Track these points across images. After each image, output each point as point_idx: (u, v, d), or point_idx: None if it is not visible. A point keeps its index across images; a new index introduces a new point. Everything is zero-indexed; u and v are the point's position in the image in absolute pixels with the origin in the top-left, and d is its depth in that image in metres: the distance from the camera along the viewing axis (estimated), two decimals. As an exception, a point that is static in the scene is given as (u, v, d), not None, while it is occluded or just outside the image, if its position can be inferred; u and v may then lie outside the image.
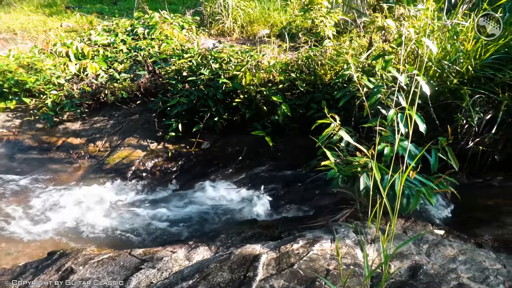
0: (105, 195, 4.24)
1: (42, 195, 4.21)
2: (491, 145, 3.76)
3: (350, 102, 3.98)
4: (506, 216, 3.32)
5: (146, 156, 4.72)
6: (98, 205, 4.07)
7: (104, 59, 6.04)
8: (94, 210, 3.99)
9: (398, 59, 3.79)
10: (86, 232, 3.70)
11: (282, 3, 7.75)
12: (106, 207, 4.05)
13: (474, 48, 3.70)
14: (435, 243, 2.73)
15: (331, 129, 2.94)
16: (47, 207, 4.03)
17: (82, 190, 4.30)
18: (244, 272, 2.42)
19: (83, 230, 3.72)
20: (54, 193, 4.25)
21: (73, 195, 4.20)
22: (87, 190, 4.30)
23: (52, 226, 3.77)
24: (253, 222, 3.62)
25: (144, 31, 6.64)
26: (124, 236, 3.66)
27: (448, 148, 2.64)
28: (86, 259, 2.88)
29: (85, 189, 4.32)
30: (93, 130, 5.20)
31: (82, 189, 4.30)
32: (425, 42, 2.79)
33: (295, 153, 4.61)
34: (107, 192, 4.30)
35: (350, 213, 3.28)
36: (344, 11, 6.63)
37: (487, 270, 2.43)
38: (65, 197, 4.18)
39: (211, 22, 7.51)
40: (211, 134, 4.91)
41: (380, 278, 2.26)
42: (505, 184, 3.80)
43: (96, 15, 8.63)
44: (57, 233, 3.68)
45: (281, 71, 4.79)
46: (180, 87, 4.85)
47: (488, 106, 3.71)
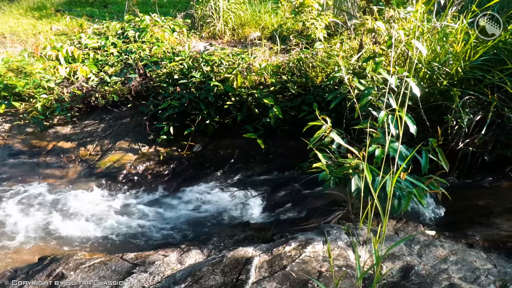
0: (96, 199, 4.21)
1: (32, 199, 4.17)
2: (480, 146, 3.79)
3: (341, 104, 3.99)
4: (496, 216, 3.35)
5: (138, 159, 4.70)
6: (89, 209, 4.04)
7: (95, 62, 6.01)
8: (85, 214, 3.97)
9: (388, 61, 3.81)
10: (77, 237, 3.68)
11: (273, 6, 7.76)
12: (97, 211, 4.02)
13: (463, 50, 3.73)
14: (427, 244, 2.75)
15: (322, 131, 2.95)
16: (37, 211, 4.00)
17: (73, 194, 4.26)
18: (237, 275, 2.42)
19: (74, 235, 3.70)
20: (44, 197, 4.22)
21: (64, 199, 4.17)
22: (78, 194, 4.27)
23: (43, 230, 3.73)
24: (245, 225, 3.62)
25: (135, 34, 6.61)
26: (115, 240, 3.64)
27: (439, 149, 2.66)
28: (77, 264, 2.86)
29: (76, 193, 4.28)
30: (84, 134, 5.17)
31: (73, 193, 4.27)
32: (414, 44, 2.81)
33: (287, 155, 4.61)
34: (98, 196, 4.28)
35: (342, 214, 3.29)
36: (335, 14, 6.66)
37: (478, 270, 2.45)
38: (55, 201, 4.15)
39: (202, 25, 7.50)
40: (202, 137, 4.90)
41: (372, 279, 2.26)
42: (495, 184, 3.84)
43: (86, 18, 8.60)
44: (48, 237, 3.65)
45: (273, 73, 4.80)
46: (172, 90, 4.84)
47: (478, 107, 3.75)
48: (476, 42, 3.80)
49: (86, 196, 4.25)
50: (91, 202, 4.15)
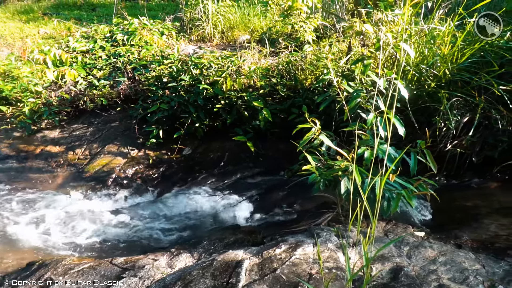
0: (85, 204, 4.18)
1: (20, 204, 4.12)
2: (468, 147, 3.83)
3: (331, 107, 4.01)
4: (484, 217, 3.38)
5: (127, 163, 4.67)
6: (78, 213, 4.01)
7: (83, 66, 5.97)
8: (74, 219, 3.93)
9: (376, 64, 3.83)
10: (66, 242, 3.64)
11: (262, 9, 7.78)
12: (86, 215, 3.98)
13: (450, 52, 3.77)
14: (416, 245, 2.76)
15: (312, 134, 2.95)
16: (25, 216, 3.95)
17: (61, 199, 4.22)
18: (227, 278, 2.41)
19: (63, 240, 3.66)
20: (32, 202, 4.17)
21: (52, 204, 4.12)
22: (66, 198, 4.23)
23: (31, 236, 3.69)
24: (235, 228, 3.61)
25: (123, 37, 6.58)
26: (105, 245, 3.61)
27: (427, 150, 2.68)
28: (66, 269, 2.83)
29: (64, 197, 4.24)
30: (72, 138, 5.12)
31: (61, 198, 4.23)
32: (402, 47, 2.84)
33: (277, 158, 4.61)
34: (87, 201, 4.24)
35: (332, 216, 3.30)
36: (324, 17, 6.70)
37: (466, 270, 2.47)
38: (43, 206, 4.10)
39: (191, 28, 7.49)
40: (192, 140, 4.88)
41: (362, 281, 2.27)
42: (483, 185, 3.87)
43: (74, 22, 8.54)
44: (36, 243, 3.61)
45: (262, 76, 4.80)
46: (161, 93, 4.82)
47: (465, 109, 3.78)
48: (463, 44, 3.84)
49: (75, 200, 4.21)
50: (80, 206, 4.11)
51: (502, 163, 3.83)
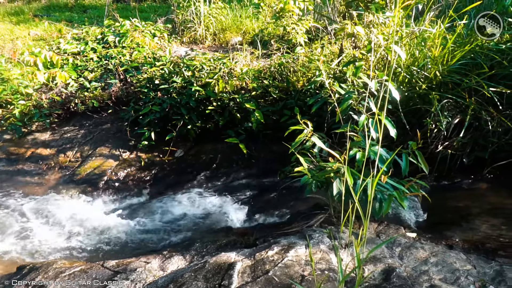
0: (77, 206, 4.15)
1: (10, 208, 4.09)
2: (459, 148, 3.86)
3: (323, 108, 4.02)
4: (475, 217, 3.40)
5: (119, 165, 4.65)
6: (69, 216, 3.98)
7: (74, 68, 5.94)
8: (65, 222, 3.90)
9: (368, 65, 3.85)
10: (57, 245, 3.61)
11: (254, 11, 7.78)
12: (77, 218, 3.96)
13: (441, 54, 3.79)
14: (408, 246, 2.77)
15: (304, 135, 2.96)
16: (16, 220, 3.91)
17: (53, 201, 4.19)
18: (219, 281, 2.40)
19: (54, 243, 3.63)
20: (23, 205, 4.13)
21: (43, 207, 4.09)
22: (57, 201, 4.20)
23: (22, 239, 3.66)
24: (228, 230, 3.61)
25: (115, 39, 6.56)
26: (96, 248, 3.58)
27: (418, 152, 2.70)
28: (57, 272, 2.80)
29: (55, 200, 4.21)
30: (63, 140, 5.09)
31: (53, 201, 4.20)
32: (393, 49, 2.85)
33: (269, 160, 4.61)
34: (79, 203, 4.21)
35: (324, 218, 3.30)
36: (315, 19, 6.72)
37: (458, 271, 2.48)
38: (34, 209, 4.07)
39: (183, 30, 7.48)
40: (184, 142, 4.87)
41: (354, 282, 2.27)
42: (474, 186, 3.90)
43: (65, 23, 8.49)
44: (27, 246, 3.58)
45: (254, 78, 4.81)
46: (152, 95, 4.81)
47: (456, 111, 3.81)
48: (453, 46, 3.87)
49: (66, 203, 4.19)
50: (71, 209, 4.08)
51: (493, 164, 3.86)
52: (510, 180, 3.85)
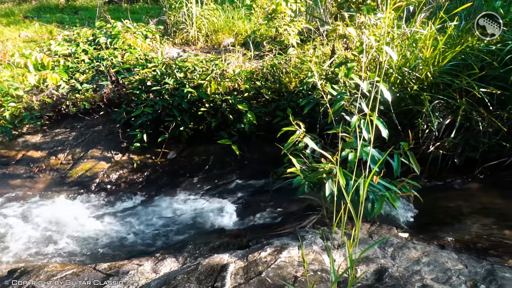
0: (68, 209, 4.12)
1: (1, 211, 4.05)
2: (450, 149, 3.89)
3: (315, 109, 4.03)
4: (467, 217, 3.43)
5: (111, 167, 4.62)
6: (61, 219, 3.95)
7: (65, 69, 5.89)
8: (56, 224, 3.87)
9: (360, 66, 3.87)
10: (49, 248, 3.58)
11: (247, 12, 7.78)
12: (69, 221, 3.93)
13: (432, 55, 3.82)
14: (400, 246, 2.79)
15: (296, 136, 2.96)
16: (7, 223, 3.88)
17: (44, 204, 4.16)
18: (212, 283, 2.40)
19: (45, 246, 3.60)
20: (14, 208, 4.09)
21: (34, 210, 4.06)
22: (49, 204, 4.16)
23: (13, 242, 3.62)
24: (221, 232, 3.60)
25: (106, 41, 6.52)
26: (88, 251, 3.56)
27: (410, 152, 2.71)
28: (48, 276, 2.79)
29: (46, 203, 4.18)
30: (55, 143, 5.05)
31: (44, 204, 4.17)
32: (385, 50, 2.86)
33: (262, 161, 4.61)
34: (70, 206, 4.18)
35: (317, 219, 3.31)
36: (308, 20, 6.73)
37: (449, 270, 2.50)
38: (25, 212, 4.03)
39: (175, 31, 7.46)
40: (177, 144, 4.86)
41: (347, 283, 2.28)
42: (465, 186, 3.93)
43: (56, 25, 8.44)
44: (18, 249, 3.54)
45: (246, 79, 4.81)
46: (144, 97, 4.79)
47: (447, 111, 3.84)
48: (444, 47, 3.89)
49: (58, 206, 4.15)
50: (63, 212, 4.05)
51: (483, 164, 3.89)
52: (500, 180, 3.89)
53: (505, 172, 3.90)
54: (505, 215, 3.43)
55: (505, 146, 3.80)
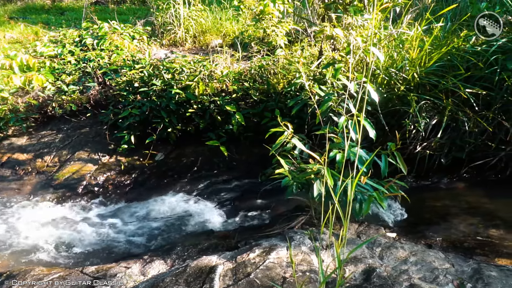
0: (55, 212, 4.07)
1: (-15, 214, 3.99)
2: (437, 149, 3.92)
3: (303, 110, 4.04)
4: (453, 217, 3.46)
5: (98, 170, 4.58)
6: (47, 222, 3.90)
7: (51, 71, 5.82)
8: (43, 228, 3.82)
9: (347, 67, 3.89)
10: (35, 251, 3.53)
11: (234, 13, 7.78)
12: (56, 224, 3.88)
13: (418, 56, 3.85)
14: (388, 246, 2.80)
15: (284, 137, 2.96)
16: (-9, 227, 3.82)
17: (30, 207, 4.10)
18: (201, 285, 2.39)
19: (32, 249, 3.55)
20: (-1, 212, 4.04)
21: (20, 213, 4.00)
22: (35, 207, 4.11)
23: (-2, 246, 3.57)
24: (209, 233, 3.59)
25: (93, 42, 6.47)
26: (75, 254, 3.52)
27: (397, 152, 2.73)
28: (34, 279, 2.75)
29: (33, 206, 4.13)
30: (41, 145, 4.99)
31: (30, 207, 4.11)
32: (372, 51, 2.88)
33: (251, 162, 4.61)
34: (57, 209, 4.14)
35: (306, 219, 3.31)
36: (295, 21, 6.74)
37: (436, 270, 2.52)
38: (11, 215, 3.98)
39: (163, 32, 7.43)
40: (165, 146, 4.83)
41: (335, 283, 2.28)
42: (451, 186, 3.97)
43: (42, 26, 8.35)
44: (4, 253, 3.49)
45: (234, 80, 4.80)
46: (132, 99, 4.75)
47: (434, 112, 3.87)
48: (430, 48, 3.93)
49: (44, 209, 4.10)
50: (49, 215, 4.01)
51: (469, 164, 3.94)
52: (486, 179, 3.94)
53: (491, 172, 3.95)
54: (491, 214, 3.47)
55: (490, 146, 3.84)
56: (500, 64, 3.58)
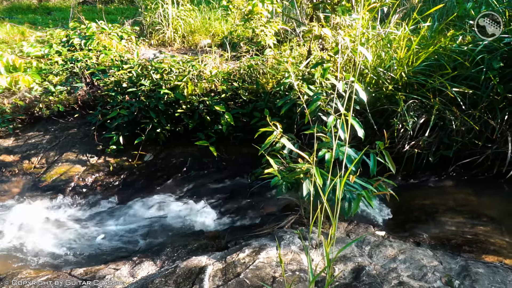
0: (43, 214, 4.03)
1: (-29, 217, 3.94)
2: (425, 147, 3.95)
3: (292, 110, 4.05)
4: (441, 214, 3.49)
5: (86, 171, 4.54)
6: (35, 224, 3.86)
7: (38, 71, 5.76)
8: (31, 230, 3.78)
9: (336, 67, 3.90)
10: (23, 254, 3.49)
11: (223, 13, 7.77)
12: (44, 226, 3.84)
13: (406, 56, 3.88)
14: (377, 244, 2.82)
15: (273, 137, 2.97)
16: (-22, 229, 3.77)
17: (17, 209, 4.05)
18: (190, 285, 2.38)
19: (20, 252, 3.51)
20: (-15, 214, 3.99)
21: (7, 215, 3.96)
22: (22, 209, 4.06)
23: (-16, 249, 3.53)
24: (199, 234, 3.58)
25: (80, 42, 6.41)
26: (64, 256, 3.49)
27: (385, 151, 2.74)
28: (22, 282, 2.73)
29: (20, 208, 4.08)
30: (28, 146, 4.94)
31: (17, 208, 4.06)
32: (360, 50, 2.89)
33: (240, 162, 4.61)
34: (45, 210, 4.09)
35: (295, 219, 3.32)
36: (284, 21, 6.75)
37: (425, 267, 2.54)
38: (-3, 218, 3.94)
39: (151, 32, 7.39)
40: (154, 146, 4.81)
41: (325, 282, 2.29)
42: (439, 184, 4.00)
43: (29, 26, 8.26)
44: (-10, 257, 3.45)
45: (224, 80, 4.79)
46: (120, 99, 4.72)
47: (422, 111, 3.90)
48: (418, 48, 3.96)
49: (32, 210, 4.06)
50: (37, 217, 3.97)
51: (457, 162, 3.98)
52: (473, 177, 3.98)
53: (478, 170, 3.99)
54: (478, 212, 3.50)
55: (477, 144, 3.88)
56: (486, 63, 3.61)
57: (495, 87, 3.65)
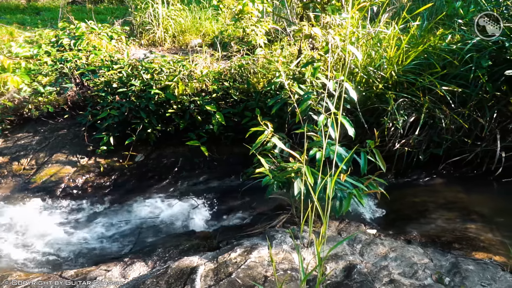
0: (33, 216, 3.99)
1: (-40, 219, 3.89)
2: (415, 145, 3.98)
3: (283, 109, 4.05)
4: (432, 212, 3.52)
5: (77, 172, 4.51)
6: (24, 226, 3.83)
7: (27, 72, 5.70)
8: (20, 232, 3.75)
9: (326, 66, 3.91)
10: (13, 256, 3.46)
11: (214, 13, 7.75)
12: (34, 228, 3.81)
13: (396, 55, 3.90)
14: (368, 243, 2.83)
15: (264, 137, 2.97)
16: (-34, 232, 3.73)
17: (6, 211, 4.02)
18: (182, 286, 2.37)
19: (9, 255, 3.48)
20: (-26, 216, 3.95)
21: (-4, 218, 3.92)
22: (12, 211, 4.03)
23: (-27, 252, 3.49)
24: (191, 234, 3.57)
25: (70, 42, 6.36)
26: (54, 258, 3.46)
27: (376, 150, 2.76)
28: (12, 285, 2.70)
29: (9, 210, 4.04)
30: (17, 148, 4.89)
31: (6, 211, 4.02)
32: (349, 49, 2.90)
33: (232, 162, 4.61)
34: (35, 212, 4.06)
35: (287, 218, 3.32)
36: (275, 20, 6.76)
37: (416, 265, 2.55)
38: (-14, 220, 3.89)
39: (142, 32, 7.35)
40: (145, 146, 4.79)
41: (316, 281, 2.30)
42: (429, 182, 4.03)
43: (17, 26, 8.17)
44: (-21, 259, 3.42)
45: (214, 80, 4.78)
46: (110, 99, 4.69)
47: (412, 109, 3.93)
48: (407, 47, 3.98)
49: (21, 212, 4.02)
50: (27, 218, 3.93)
51: (447, 160, 4.01)
52: (463, 175, 4.01)
53: (467, 168, 4.02)
54: (468, 209, 3.54)
55: (466, 142, 3.92)
56: (475, 62, 3.65)
57: (484, 85, 3.69)
